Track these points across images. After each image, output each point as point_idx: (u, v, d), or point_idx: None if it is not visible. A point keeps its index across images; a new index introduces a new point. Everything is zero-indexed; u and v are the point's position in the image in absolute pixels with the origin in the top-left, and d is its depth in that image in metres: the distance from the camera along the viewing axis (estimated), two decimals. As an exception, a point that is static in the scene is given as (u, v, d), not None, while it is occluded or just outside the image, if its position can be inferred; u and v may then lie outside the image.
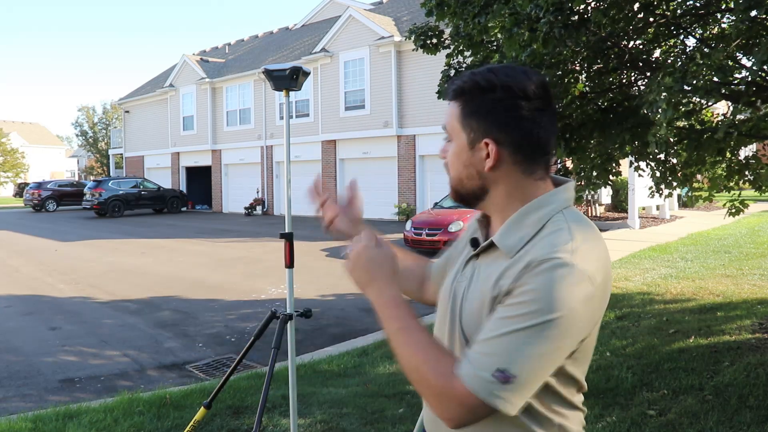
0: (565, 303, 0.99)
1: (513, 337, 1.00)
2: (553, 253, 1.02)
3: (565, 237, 1.06)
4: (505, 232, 1.13)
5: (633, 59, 4.34)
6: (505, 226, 1.14)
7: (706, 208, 18.66)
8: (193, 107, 27.60)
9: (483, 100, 1.12)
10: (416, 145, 19.08)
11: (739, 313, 6.10)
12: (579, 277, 1.01)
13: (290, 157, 3.18)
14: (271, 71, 2.98)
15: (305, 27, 28.05)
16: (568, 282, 1.00)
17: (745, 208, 4.80)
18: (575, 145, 4.68)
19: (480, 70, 1.16)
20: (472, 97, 1.14)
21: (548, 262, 1.02)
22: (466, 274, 1.20)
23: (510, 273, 1.06)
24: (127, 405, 4.08)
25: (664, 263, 9.37)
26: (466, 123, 1.14)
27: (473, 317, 1.12)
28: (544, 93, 1.12)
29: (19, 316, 7.33)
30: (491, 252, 1.16)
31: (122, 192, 24.61)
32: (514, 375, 1.00)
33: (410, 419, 3.74)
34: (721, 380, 4.13)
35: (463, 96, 1.15)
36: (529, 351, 1.00)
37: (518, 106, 1.10)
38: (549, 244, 1.05)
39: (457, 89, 1.16)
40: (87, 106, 57.09)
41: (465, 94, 1.14)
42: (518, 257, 1.07)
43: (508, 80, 1.11)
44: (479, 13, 4.08)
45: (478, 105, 1.13)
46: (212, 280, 9.51)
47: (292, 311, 3.08)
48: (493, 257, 1.14)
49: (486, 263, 1.16)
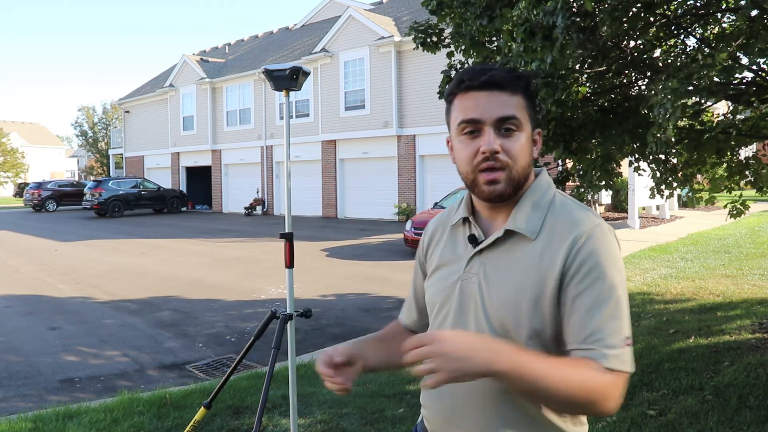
0: (620, 258, 1.17)
1: (614, 305, 1.12)
2: (594, 222, 1.17)
3: (582, 208, 1.22)
4: (526, 218, 1.21)
5: (634, 60, 4.34)
6: (524, 212, 1.22)
7: (706, 208, 18.65)
8: (193, 107, 27.60)
9: (534, 96, 1.25)
10: (416, 145, 19.08)
11: (739, 313, 6.10)
12: (613, 233, 1.19)
13: (290, 157, 3.18)
14: (271, 71, 2.98)
15: (305, 27, 28.04)
16: (613, 240, 1.17)
17: (746, 210, 4.80)
18: (576, 145, 4.68)
19: (513, 68, 1.29)
20: (531, 92, 1.24)
21: (595, 230, 1.16)
22: (472, 270, 1.24)
23: (556, 252, 1.15)
24: (127, 405, 4.08)
25: (664, 263, 9.37)
26: (530, 115, 1.23)
27: (509, 304, 1.17)
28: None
29: (19, 316, 7.32)
30: (504, 241, 1.21)
31: (122, 192, 24.61)
32: (629, 336, 1.13)
33: (410, 419, 3.74)
34: (721, 380, 4.13)
35: (527, 90, 1.23)
36: (626, 310, 1.14)
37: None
38: (580, 216, 1.19)
39: (521, 83, 1.22)
40: (87, 106, 57.09)
41: (528, 88, 1.23)
42: (545, 236, 1.18)
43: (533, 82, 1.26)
44: (481, 15, 4.06)
45: (532, 99, 1.25)
46: (212, 280, 9.51)
47: (292, 311, 3.08)
48: (509, 244, 1.21)
49: (500, 253, 1.21)
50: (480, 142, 1.19)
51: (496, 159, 1.18)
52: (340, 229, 17.42)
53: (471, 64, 4.85)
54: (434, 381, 0.99)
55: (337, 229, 17.21)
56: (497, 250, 1.22)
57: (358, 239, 14.66)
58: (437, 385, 0.99)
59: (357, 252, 12.39)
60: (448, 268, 1.30)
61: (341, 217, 21.47)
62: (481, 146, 1.18)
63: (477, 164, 1.20)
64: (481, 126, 1.19)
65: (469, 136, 1.21)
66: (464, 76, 1.21)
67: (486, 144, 1.17)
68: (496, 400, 1.19)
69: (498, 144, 1.18)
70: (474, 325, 1.21)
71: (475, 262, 1.24)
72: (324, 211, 22.01)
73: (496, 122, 1.18)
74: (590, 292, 1.12)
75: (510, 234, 1.21)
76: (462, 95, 1.22)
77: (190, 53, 29.75)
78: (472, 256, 1.25)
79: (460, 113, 1.22)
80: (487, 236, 1.26)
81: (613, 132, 4.47)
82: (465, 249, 1.28)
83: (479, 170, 1.20)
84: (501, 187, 1.19)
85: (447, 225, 1.37)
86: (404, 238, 11.89)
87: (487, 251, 1.23)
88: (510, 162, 1.18)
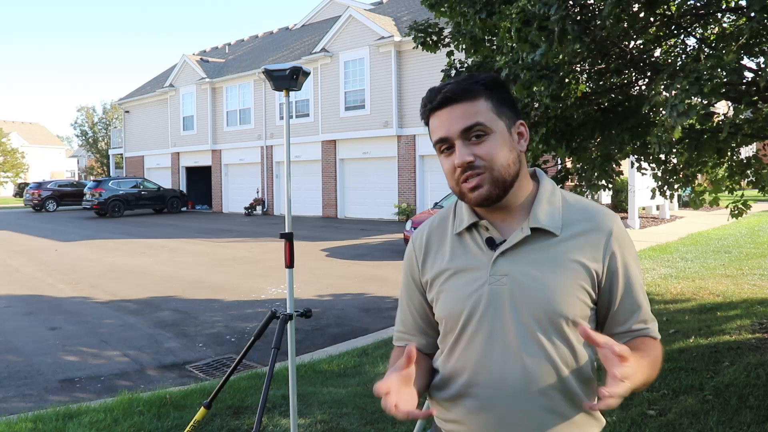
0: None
1: (641, 283, 1.30)
2: (610, 213, 1.29)
3: (590, 201, 1.32)
4: (547, 215, 1.26)
5: (633, 59, 4.33)
6: (544, 209, 1.27)
7: (706, 208, 18.64)
8: (193, 107, 27.60)
9: (501, 92, 1.27)
10: (416, 145, 19.08)
11: (739, 313, 6.09)
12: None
13: (290, 157, 3.18)
14: (271, 71, 2.98)
15: (305, 27, 28.04)
16: (623, 225, 1.30)
17: (747, 209, 4.80)
18: (576, 145, 4.68)
19: (474, 74, 1.29)
20: (496, 91, 1.26)
21: (616, 220, 1.28)
22: (500, 272, 1.25)
23: (588, 246, 1.24)
24: (127, 405, 4.08)
25: (664, 263, 9.37)
26: (501, 112, 1.25)
27: (550, 300, 1.21)
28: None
29: (19, 316, 7.33)
30: (529, 240, 1.25)
31: (122, 192, 24.61)
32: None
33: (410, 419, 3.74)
34: (721, 380, 4.13)
35: (487, 91, 1.24)
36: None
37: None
38: (598, 208, 1.29)
39: (477, 88, 1.24)
40: (87, 106, 57.12)
41: (489, 89, 1.25)
42: (568, 231, 1.25)
43: (498, 79, 1.29)
44: (480, 10, 4.05)
45: (502, 96, 1.27)
46: (212, 280, 9.52)
47: (292, 311, 3.08)
48: (535, 242, 1.25)
49: (528, 252, 1.25)
50: (454, 157, 1.24)
51: (472, 168, 1.22)
52: (340, 229, 17.42)
53: (471, 64, 4.85)
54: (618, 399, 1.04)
55: (337, 229, 17.21)
56: (523, 250, 1.24)
57: (358, 239, 14.66)
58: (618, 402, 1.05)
59: (357, 252, 12.39)
60: (466, 275, 1.28)
61: (341, 217, 21.47)
62: (455, 161, 1.23)
63: (458, 178, 1.25)
64: (450, 142, 1.24)
65: (447, 153, 1.26)
66: (426, 99, 1.27)
67: (458, 158, 1.22)
68: (543, 407, 1.22)
69: (470, 153, 1.22)
70: (513, 325, 1.22)
71: (502, 264, 1.24)
72: (324, 211, 22.01)
73: (462, 134, 1.22)
74: (629, 282, 1.26)
75: (535, 232, 1.25)
76: (431, 117, 1.28)
77: (190, 53, 29.77)
78: (496, 258, 1.25)
79: (432, 134, 1.28)
80: (503, 238, 1.27)
81: (613, 131, 4.47)
82: (483, 253, 1.27)
83: (461, 182, 1.24)
84: (486, 190, 1.22)
85: (445, 234, 1.35)
86: (404, 238, 11.89)
87: (512, 252, 1.25)
88: (487, 165, 1.22)
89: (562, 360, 1.21)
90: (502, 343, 1.23)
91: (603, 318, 1.29)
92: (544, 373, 1.20)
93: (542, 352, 1.21)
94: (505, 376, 1.22)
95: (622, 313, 1.27)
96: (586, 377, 1.25)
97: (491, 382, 1.23)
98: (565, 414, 1.22)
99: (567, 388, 1.22)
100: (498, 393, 1.23)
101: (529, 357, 1.21)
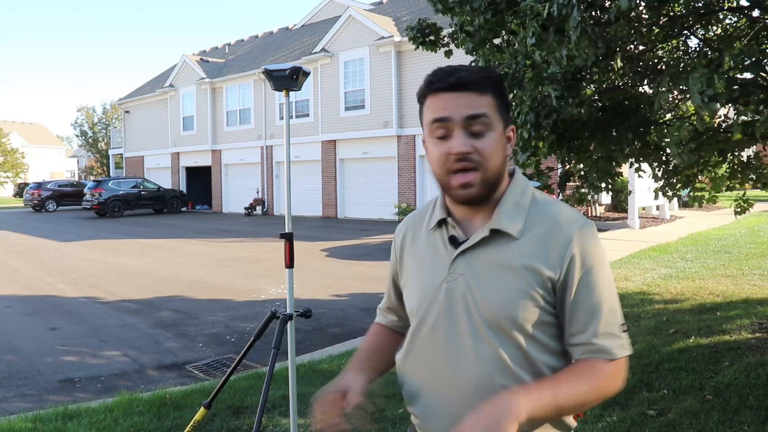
0: (604, 249, 1.24)
1: (608, 294, 1.19)
2: (579, 219, 1.22)
3: (561, 204, 1.26)
4: (510, 217, 1.22)
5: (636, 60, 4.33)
6: (507, 211, 1.23)
7: (706, 208, 18.64)
8: (193, 107, 27.60)
9: (504, 94, 1.25)
10: (416, 145, 19.08)
11: (739, 313, 6.09)
12: (594, 226, 1.25)
13: (290, 157, 3.18)
14: (271, 71, 2.98)
15: (305, 27, 28.04)
16: (597, 232, 1.23)
17: (750, 207, 4.82)
18: (577, 145, 4.67)
19: (483, 67, 1.28)
20: (502, 91, 1.24)
21: (584, 227, 1.21)
22: (457, 270, 1.23)
23: (547, 250, 1.18)
24: (127, 405, 4.08)
25: (664, 263, 9.36)
26: (501, 113, 1.23)
27: (503, 303, 1.18)
28: None
29: (20, 316, 7.32)
30: (489, 241, 1.21)
31: (122, 192, 24.61)
32: (623, 321, 1.22)
33: (410, 419, 3.74)
34: (721, 380, 4.13)
35: (496, 89, 1.22)
36: (617, 298, 1.22)
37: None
38: (564, 213, 1.23)
39: (489, 83, 1.21)
40: (87, 106, 57.09)
41: (497, 88, 1.23)
42: (530, 234, 1.20)
43: (503, 80, 1.27)
44: (485, 10, 4.03)
45: (505, 98, 1.25)
46: (212, 280, 9.51)
47: (292, 311, 3.08)
48: (495, 244, 1.21)
49: (486, 252, 1.21)
50: (451, 144, 1.19)
51: (468, 159, 1.18)
52: (340, 229, 17.42)
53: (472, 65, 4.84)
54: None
55: (337, 229, 17.21)
56: (482, 250, 1.22)
57: (358, 239, 14.66)
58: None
59: (357, 252, 12.39)
60: (429, 271, 1.28)
61: (341, 217, 21.47)
62: (452, 148, 1.18)
63: (449, 166, 1.20)
64: (450, 125, 1.19)
65: (440, 138, 1.21)
66: (433, 77, 1.22)
67: (456, 145, 1.17)
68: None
69: (469, 145, 1.18)
70: (467, 325, 1.21)
71: (460, 263, 1.23)
72: (324, 211, 22.01)
73: (465, 121, 1.18)
74: (589, 291, 1.18)
75: (495, 233, 1.21)
76: (432, 96, 1.22)
77: (190, 53, 29.77)
78: (456, 257, 1.24)
79: (430, 113, 1.22)
80: (467, 237, 1.25)
81: (614, 131, 4.46)
82: (446, 250, 1.26)
83: (452, 171, 1.20)
84: (475, 191, 1.20)
85: (421, 227, 1.35)
86: (404, 238, 11.88)
87: (471, 251, 1.23)
88: (482, 162, 1.18)
89: (516, 364, 1.18)
90: (455, 343, 1.22)
91: (563, 323, 1.23)
92: (497, 376, 1.18)
93: (494, 354, 1.19)
94: (459, 376, 1.21)
95: (576, 324, 1.19)
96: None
97: (445, 381, 1.23)
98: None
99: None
100: (451, 393, 1.22)
101: (482, 359, 1.19)
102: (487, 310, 1.19)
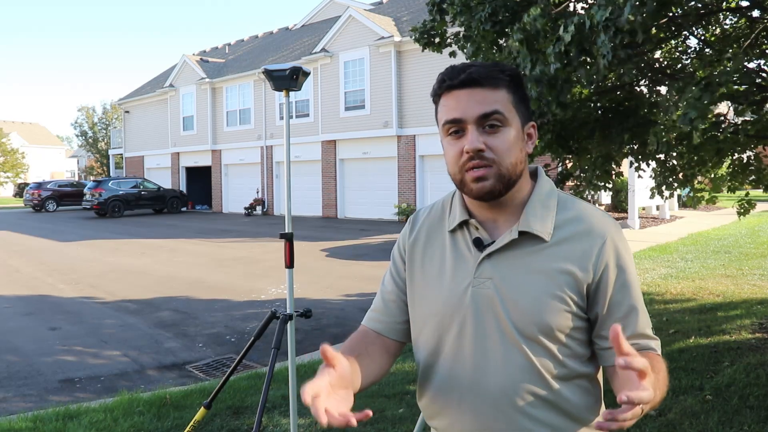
0: (631, 250, 1.25)
1: (639, 295, 1.21)
2: (609, 220, 1.21)
3: (589, 205, 1.25)
4: (538, 218, 1.20)
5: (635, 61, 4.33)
6: (535, 213, 1.20)
7: (706, 208, 18.66)
8: (193, 107, 27.60)
9: (521, 89, 1.22)
10: (416, 145, 19.08)
11: (739, 313, 6.10)
12: (620, 228, 1.25)
13: (290, 158, 3.18)
14: (271, 71, 2.98)
15: (305, 27, 28.04)
16: (624, 234, 1.23)
17: (753, 207, 4.83)
18: (576, 145, 4.68)
19: (497, 62, 1.27)
20: (519, 86, 1.21)
21: (615, 227, 1.21)
22: (484, 274, 1.19)
23: (579, 254, 1.17)
24: (127, 405, 4.08)
25: (664, 263, 9.36)
26: (518, 108, 1.20)
27: (534, 307, 1.16)
28: None
29: (20, 316, 7.32)
30: (517, 243, 1.19)
31: (122, 192, 24.61)
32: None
33: (410, 419, 3.74)
34: (721, 380, 4.13)
35: (511, 84, 1.20)
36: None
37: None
38: (596, 213, 1.22)
39: (502, 77, 1.18)
40: (87, 106, 57.09)
41: (512, 82, 1.20)
42: (560, 237, 1.18)
43: (520, 75, 1.23)
44: (485, 21, 4.03)
45: (521, 92, 1.22)
46: (212, 280, 9.51)
47: (292, 311, 3.08)
48: (523, 246, 1.19)
49: (514, 256, 1.19)
50: (464, 142, 1.16)
51: (481, 157, 1.15)
52: (340, 229, 17.42)
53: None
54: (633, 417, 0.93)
55: (337, 229, 17.21)
56: (510, 253, 1.18)
57: (358, 239, 14.65)
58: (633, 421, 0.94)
59: (357, 252, 12.39)
60: (451, 274, 1.23)
61: (341, 217, 21.47)
62: (465, 146, 1.16)
63: (463, 164, 1.17)
64: (464, 125, 1.16)
65: (455, 137, 1.18)
66: (445, 75, 1.19)
67: (469, 143, 1.15)
68: (526, 416, 1.17)
69: (482, 142, 1.15)
70: (495, 332, 1.17)
71: (486, 267, 1.19)
72: (324, 211, 22.01)
73: (478, 119, 1.15)
74: (625, 292, 1.18)
75: (523, 235, 1.18)
76: (445, 95, 1.20)
77: (190, 53, 29.76)
78: (482, 260, 1.20)
79: (443, 113, 1.20)
80: (492, 239, 1.21)
81: (613, 131, 4.47)
82: (470, 253, 1.22)
83: (466, 170, 1.17)
84: (490, 184, 1.16)
85: (437, 228, 1.30)
86: (404, 238, 11.87)
87: (498, 254, 1.19)
88: (496, 158, 1.15)
89: (547, 371, 1.16)
90: (482, 348, 1.19)
91: (598, 327, 1.20)
92: (528, 383, 1.16)
93: (525, 361, 1.16)
94: (487, 382, 1.18)
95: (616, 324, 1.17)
96: (581, 390, 1.20)
97: (471, 387, 1.20)
98: (557, 426, 1.18)
99: (555, 399, 1.17)
100: (479, 398, 1.19)
101: (511, 365, 1.17)
102: (519, 316, 1.16)
